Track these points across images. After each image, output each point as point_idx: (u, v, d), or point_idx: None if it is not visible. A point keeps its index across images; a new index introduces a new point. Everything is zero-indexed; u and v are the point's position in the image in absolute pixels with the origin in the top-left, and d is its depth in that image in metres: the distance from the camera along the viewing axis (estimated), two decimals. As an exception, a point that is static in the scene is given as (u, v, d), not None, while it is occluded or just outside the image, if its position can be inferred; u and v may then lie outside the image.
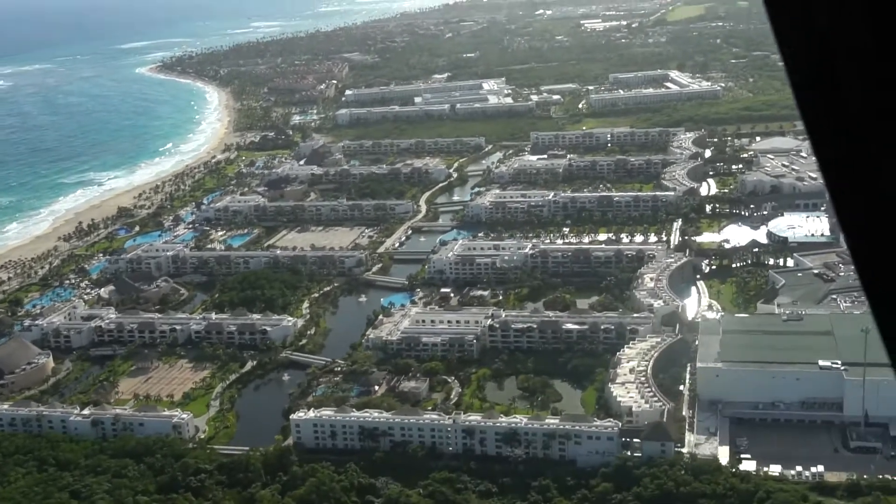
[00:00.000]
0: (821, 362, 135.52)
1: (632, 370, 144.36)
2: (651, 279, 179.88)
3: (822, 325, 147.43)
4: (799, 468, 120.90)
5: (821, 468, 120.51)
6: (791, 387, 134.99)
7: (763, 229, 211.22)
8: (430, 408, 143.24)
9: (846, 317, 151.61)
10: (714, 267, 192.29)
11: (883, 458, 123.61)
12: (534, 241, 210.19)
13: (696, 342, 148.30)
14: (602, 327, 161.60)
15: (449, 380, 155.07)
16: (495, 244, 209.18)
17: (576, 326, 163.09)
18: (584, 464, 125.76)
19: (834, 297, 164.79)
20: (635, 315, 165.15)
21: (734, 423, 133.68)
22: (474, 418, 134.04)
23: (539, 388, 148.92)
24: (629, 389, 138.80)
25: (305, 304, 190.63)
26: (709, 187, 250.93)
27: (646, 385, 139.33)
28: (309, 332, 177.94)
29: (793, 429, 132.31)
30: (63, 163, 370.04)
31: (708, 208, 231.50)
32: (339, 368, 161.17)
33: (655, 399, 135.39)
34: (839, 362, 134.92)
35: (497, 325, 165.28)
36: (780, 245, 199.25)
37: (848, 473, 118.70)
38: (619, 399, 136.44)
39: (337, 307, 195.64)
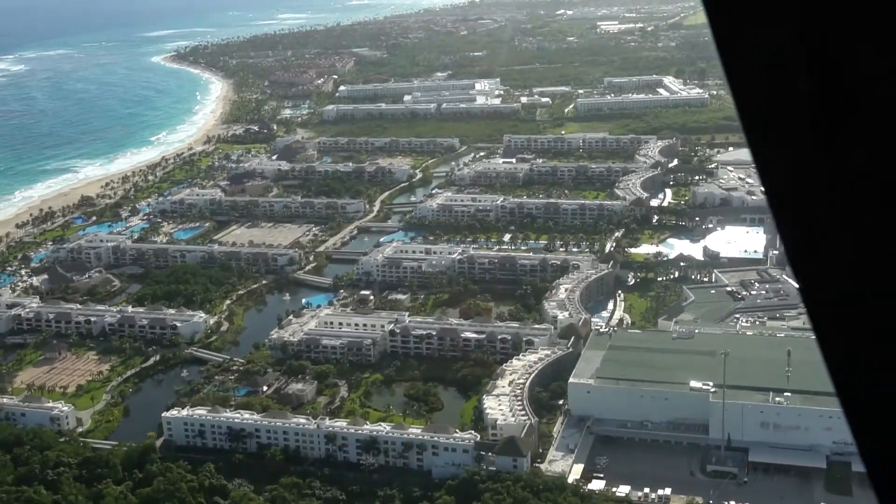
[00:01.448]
0: (692, 383, 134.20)
1: (511, 382, 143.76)
2: (566, 290, 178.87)
3: (710, 344, 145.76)
4: (647, 490, 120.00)
5: (668, 491, 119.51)
6: (660, 407, 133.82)
7: (702, 243, 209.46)
8: (308, 411, 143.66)
9: (738, 337, 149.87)
10: (637, 280, 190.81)
11: (735, 483, 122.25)
12: (463, 246, 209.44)
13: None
14: (499, 337, 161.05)
15: (340, 383, 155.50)
16: (427, 248, 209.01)
17: (474, 335, 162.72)
18: (439, 475, 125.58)
19: (737, 316, 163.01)
20: (535, 326, 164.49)
21: (600, 441, 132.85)
22: (339, 424, 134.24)
23: (422, 395, 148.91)
24: (501, 402, 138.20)
25: (228, 301, 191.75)
26: (664, 198, 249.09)
27: (518, 398, 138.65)
28: (221, 330, 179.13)
29: (658, 449, 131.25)
30: (53, 149, 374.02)
31: (655, 219, 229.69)
32: (235, 367, 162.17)
33: (522, 413, 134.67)
34: (710, 384, 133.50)
35: (398, 331, 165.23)
36: (711, 260, 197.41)
37: (690, 498, 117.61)
38: (487, 411, 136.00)
39: (265, 304, 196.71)
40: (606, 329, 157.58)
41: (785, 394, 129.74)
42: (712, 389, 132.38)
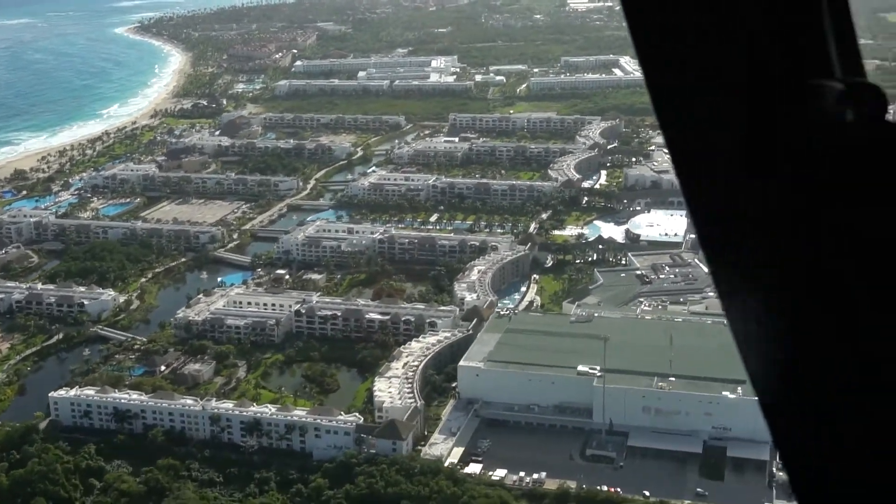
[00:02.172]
0: (579, 367, 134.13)
1: (405, 365, 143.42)
2: (479, 272, 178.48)
3: (607, 328, 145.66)
4: (522, 473, 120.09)
5: (543, 475, 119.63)
6: (546, 390, 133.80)
7: (626, 225, 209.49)
8: (202, 392, 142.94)
9: (636, 322, 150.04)
10: (555, 262, 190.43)
11: (612, 468, 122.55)
12: (385, 227, 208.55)
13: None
14: (403, 318, 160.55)
15: (240, 364, 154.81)
16: (350, 227, 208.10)
17: (378, 316, 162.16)
18: (321, 457, 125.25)
19: (641, 299, 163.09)
20: (441, 308, 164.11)
21: (486, 425, 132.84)
22: (224, 406, 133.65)
23: (318, 377, 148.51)
24: (392, 384, 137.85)
25: (142, 280, 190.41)
26: (598, 179, 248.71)
27: (409, 381, 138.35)
28: (131, 308, 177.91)
29: (543, 433, 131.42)
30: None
31: (585, 201, 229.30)
32: (136, 346, 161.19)
33: (410, 396, 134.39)
34: (598, 368, 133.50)
35: (303, 311, 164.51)
36: (631, 243, 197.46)
37: (562, 482, 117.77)
38: (376, 394, 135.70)
39: (184, 283, 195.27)
40: (506, 312, 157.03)
41: (670, 379, 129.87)
42: (598, 374, 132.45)
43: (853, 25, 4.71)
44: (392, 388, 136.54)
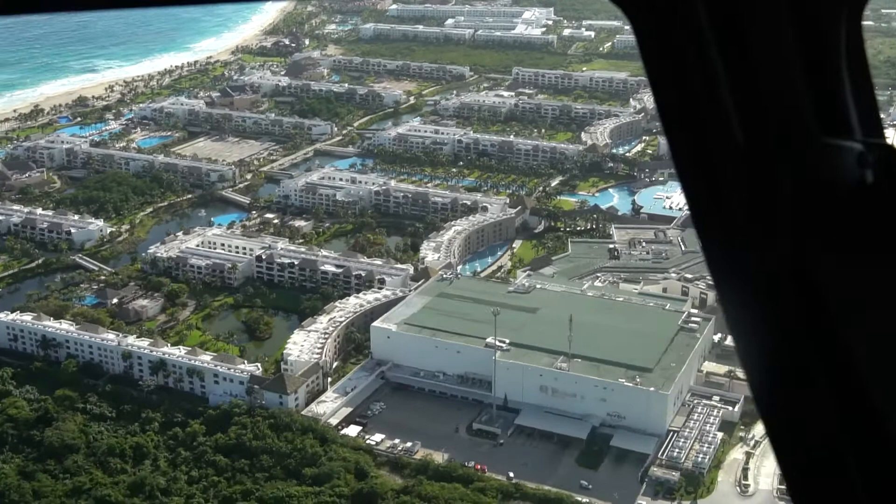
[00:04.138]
0: (488, 339, 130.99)
1: (331, 319, 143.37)
2: (455, 232, 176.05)
3: (543, 302, 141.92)
4: (397, 441, 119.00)
5: (418, 444, 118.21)
6: (453, 360, 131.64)
7: (635, 196, 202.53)
8: (136, 328, 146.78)
9: (574, 297, 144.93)
10: (546, 228, 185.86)
11: (492, 445, 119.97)
12: (385, 178, 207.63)
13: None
14: (354, 273, 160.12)
15: (189, 303, 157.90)
16: (353, 177, 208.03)
17: (332, 268, 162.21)
18: (216, 403, 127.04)
19: (599, 274, 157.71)
20: (395, 266, 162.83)
21: (390, 388, 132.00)
22: (138, 344, 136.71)
23: (253, 323, 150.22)
24: (309, 338, 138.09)
25: (142, 213, 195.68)
26: (635, 146, 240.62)
27: (325, 336, 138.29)
28: (118, 240, 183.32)
29: (444, 402, 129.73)
30: (98, 49, 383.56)
31: (610, 167, 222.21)
32: (103, 278, 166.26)
33: (319, 351, 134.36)
34: (506, 341, 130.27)
35: (263, 258, 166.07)
36: (633, 214, 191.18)
37: (427, 452, 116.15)
38: (288, 346, 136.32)
39: (184, 219, 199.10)
40: (449, 276, 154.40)
41: (575, 360, 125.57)
42: (505, 348, 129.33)
43: (872, 86, 4.70)
44: (306, 342, 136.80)
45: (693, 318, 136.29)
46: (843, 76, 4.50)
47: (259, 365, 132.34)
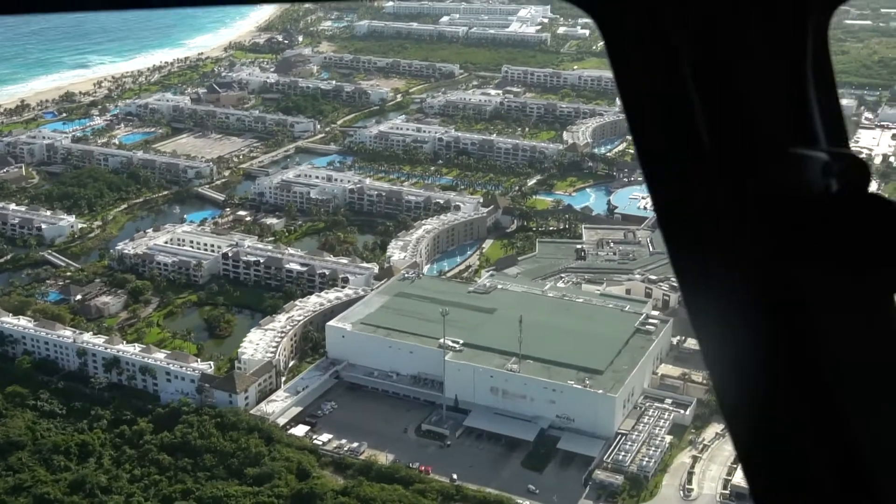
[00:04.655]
0: (441, 340, 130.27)
1: (289, 318, 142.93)
2: (424, 231, 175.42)
3: (502, 302, 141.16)
4: (344, 441, 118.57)
5: (364, 445, 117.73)
6: (406, 360, 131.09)
7: (611, 196, 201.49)
8: (104, 325, 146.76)
9: (533, 298, 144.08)
10: (518, 228, 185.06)
11: (439, 446, 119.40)
12: (360, 177, 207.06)
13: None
14: (318, 272, 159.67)
15: (153, 300, 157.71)
16: (328, 175, 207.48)
17: (297, 267, 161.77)
18: (167, 401, 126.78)
19: (563, 275, 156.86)
20: (360, 265, 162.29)
21: (343, 388, 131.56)
22: (93, 341, 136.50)
23: (214, 321, 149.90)
24: (265, 336, 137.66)
25: (116, 210, 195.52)
26: (617, 145, 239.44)
27: (281, 335, 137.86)
28: (89, 236, 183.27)
29: (396, 403, 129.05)
30: (91, 44, 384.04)
31: (589, 166, 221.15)
32: (69, 274, 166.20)
33: (273, 349, 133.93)
34: (460, 342, 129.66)
35: (230, 255, 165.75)
36: (607, 215, 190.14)
37: (372, 453, 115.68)
38: (243, 344, 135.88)
39: (158, 216, 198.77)
40: (411, 275, 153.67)
41: (527, 361, 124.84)
42: (458, 348, 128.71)
43: (837, 96, 4.77)
44: (262, 341, 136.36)
45: (650, 321, 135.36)
46: (809, 86, 4.57)
47: (211, 363, 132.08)
